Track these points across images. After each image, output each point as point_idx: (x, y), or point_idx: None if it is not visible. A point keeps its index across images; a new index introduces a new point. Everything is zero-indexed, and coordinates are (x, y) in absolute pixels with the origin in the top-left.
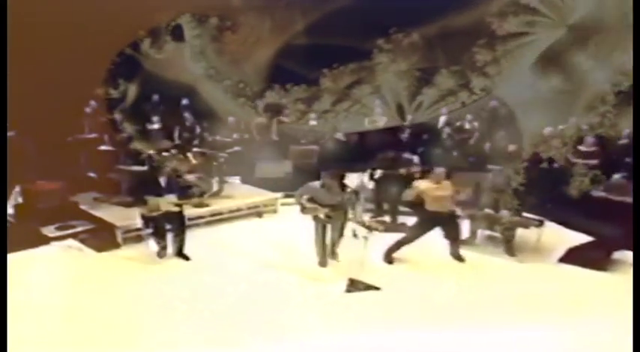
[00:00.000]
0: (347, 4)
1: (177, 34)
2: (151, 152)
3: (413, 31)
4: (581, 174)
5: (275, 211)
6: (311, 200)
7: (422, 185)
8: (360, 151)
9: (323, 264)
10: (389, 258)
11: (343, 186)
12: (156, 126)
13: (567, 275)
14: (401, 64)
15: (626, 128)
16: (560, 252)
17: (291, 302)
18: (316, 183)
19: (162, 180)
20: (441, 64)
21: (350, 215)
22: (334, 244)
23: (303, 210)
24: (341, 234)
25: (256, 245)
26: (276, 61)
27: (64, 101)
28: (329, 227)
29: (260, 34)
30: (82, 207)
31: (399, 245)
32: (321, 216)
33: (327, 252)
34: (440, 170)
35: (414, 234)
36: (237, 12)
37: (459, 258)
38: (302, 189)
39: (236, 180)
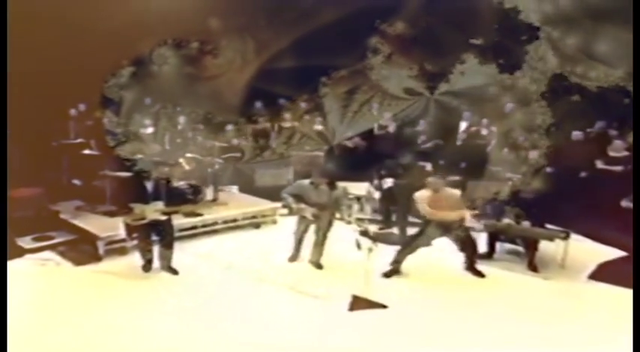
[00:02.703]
0: (330, 18)
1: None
2: (140, 156)
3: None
4: None
5: (274, 222)
6: (298, 199)
7: (419, 194)
8: (368, 158)
9: (293, 258)
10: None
11: (332, 185)
12: (150, 130)
13: (599, 293)
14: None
15: None
16: (591, 267)
17: (289, 321)
18: (305, 182)
19: (149, 186)
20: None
21: (338, 215)
22: (318, 250)
23: (290, 210)
24: (324, 237)
25: (253, 259)
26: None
27: (49, 104)
28: (312, 227)
29: (244, 55)
30: (63, 216)
31: (400, 257)
32: (308, 215)
33: (301, 248)
34: (434, 179)
35: (417, 243)
36: (217, 35)
37: (478, 274)
38: (290, 188)
39: (233, 188)
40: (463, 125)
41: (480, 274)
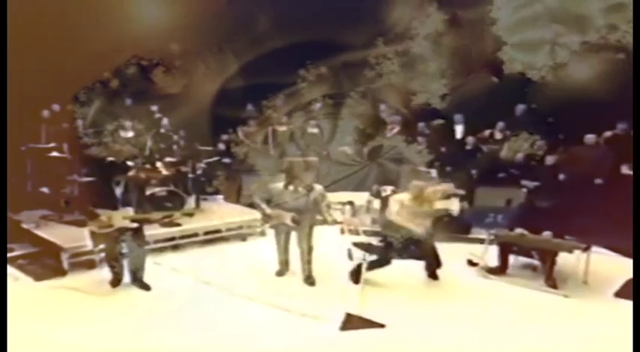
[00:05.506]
0: (277, 45)
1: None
2: (112, 159)
3: (321, 65)
4: None
5: (262, 233)
6: (271, 203)
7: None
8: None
9: (281, 273)
10: (355, 278)
11: (309, 187)
12: (130, 133)
13: (627, 313)
14: (314, 92)
15: None
16: (617, 284)
17: (276, 344)
18: (279, 185)
19: (118, 191)
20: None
21: (318, 217)
22: (307, 265)
23: (265, 216)
24: (310, 245)
25: (237, 274)
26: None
27: (19, 107)
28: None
29: (194, 77)
30: (25, 226)
31: (371, 267)
32: (287, 221)
33: (288, 260)
34: (418, 183)
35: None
36: (174, 57)
37: (433, 276)
38: (261, 192)
39: (218, 197)
40: (459, 128)
41: (436, 277)
